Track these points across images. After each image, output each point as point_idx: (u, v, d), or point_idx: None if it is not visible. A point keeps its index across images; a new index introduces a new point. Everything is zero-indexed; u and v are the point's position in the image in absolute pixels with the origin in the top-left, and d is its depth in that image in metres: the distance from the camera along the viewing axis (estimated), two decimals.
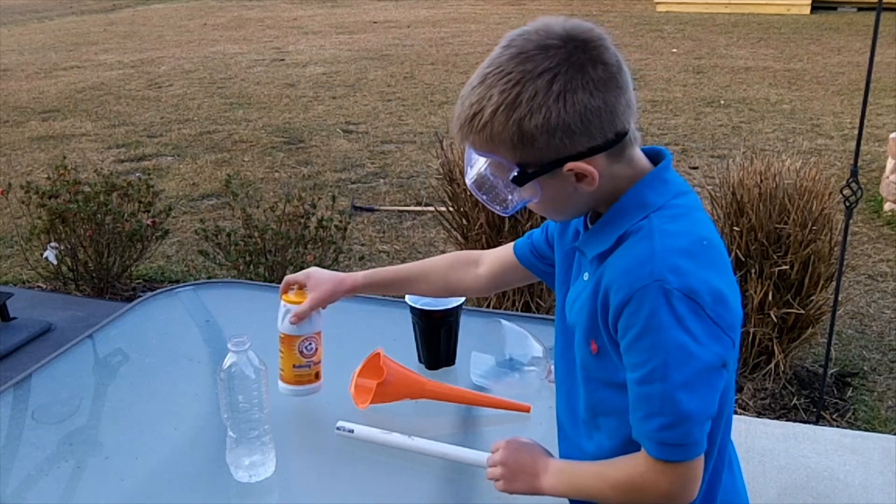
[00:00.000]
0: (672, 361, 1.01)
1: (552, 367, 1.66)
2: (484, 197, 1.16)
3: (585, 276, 1.16)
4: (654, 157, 1.16)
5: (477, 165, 1.14)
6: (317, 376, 1.61)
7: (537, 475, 1.21)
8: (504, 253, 1.47)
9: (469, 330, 1.76)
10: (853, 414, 3.10)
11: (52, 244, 4.04)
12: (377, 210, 5.28)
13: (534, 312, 3.43)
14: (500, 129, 1.05)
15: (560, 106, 1.03)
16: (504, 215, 1.17)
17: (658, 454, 1.05)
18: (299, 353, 1.57)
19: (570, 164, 1.06)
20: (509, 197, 1.13)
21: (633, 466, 1.09)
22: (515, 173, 1.08)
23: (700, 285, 1.02)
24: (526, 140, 1.05)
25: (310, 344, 1.57)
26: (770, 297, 3.05)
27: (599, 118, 1.05)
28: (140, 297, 2.19)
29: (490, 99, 1.05)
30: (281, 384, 1.61)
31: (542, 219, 1.28)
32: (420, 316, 1.71)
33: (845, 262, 3.25)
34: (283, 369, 1.60)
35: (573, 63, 1.04)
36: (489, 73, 1.06)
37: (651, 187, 1.11)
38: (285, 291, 1.59)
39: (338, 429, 1.51)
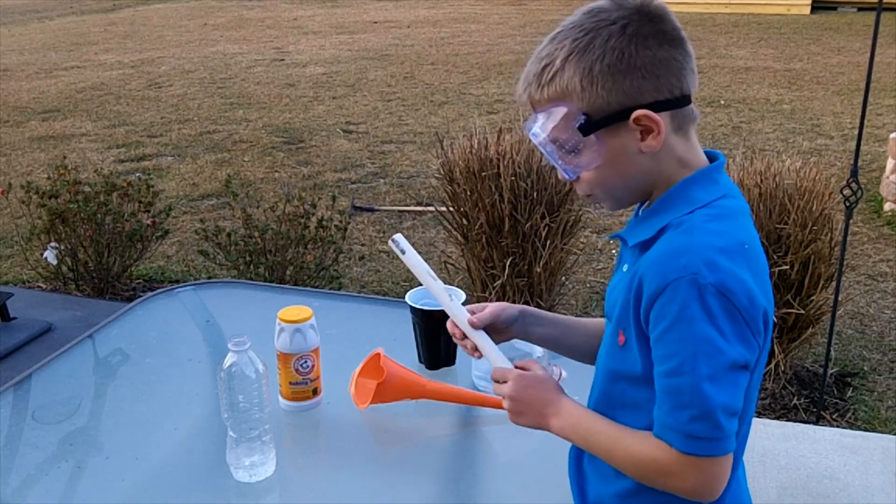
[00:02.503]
0: (700, 354, 1.01)
1: (554, 368, 1.66)
2: (555, 160, 1.14)
3: (625, 268, 1.16)
4: (711, 158, 1.16)
5: (540, 122, 1.12)
6: (315, 392, 1.61)
7: (545, 416, 1.18)
8: None
9: None
10: (853, 414, 3.10)
11: (52, 244, 4.03)
12: (377, 210, 5.28)
13: None
14: (571, 74, 1.07)
15: (632, 48, 1.06)
16: (567, 178, 1.16)
17: (686, 447, 1.03)
18: (295, 371, 1.58)
19: (638, 112, 1.06)
20: (572, 159, 1.12)
21: (660, 450, 1.06)
22: (582, 121, 1.08)
23: (737, 285, 1.02)
24: (595, 82, 1.06)
25: (305, 361, 1.58)
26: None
27: (668, 69, 1.07)
28: (140, 297, 2.19)
29: (563, 48, 1.08)
30: (280, 399, 1.62)
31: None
32: (420, 316, 1.71)
33: (845, 262, 3.24)
34: (281, 385, 1.61)
35: (644, 14, 1.07)
36: (562, 30, 1.10)
37: (700, 184, 1.11)
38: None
39: (392, 240, 1.37)
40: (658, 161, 1.10)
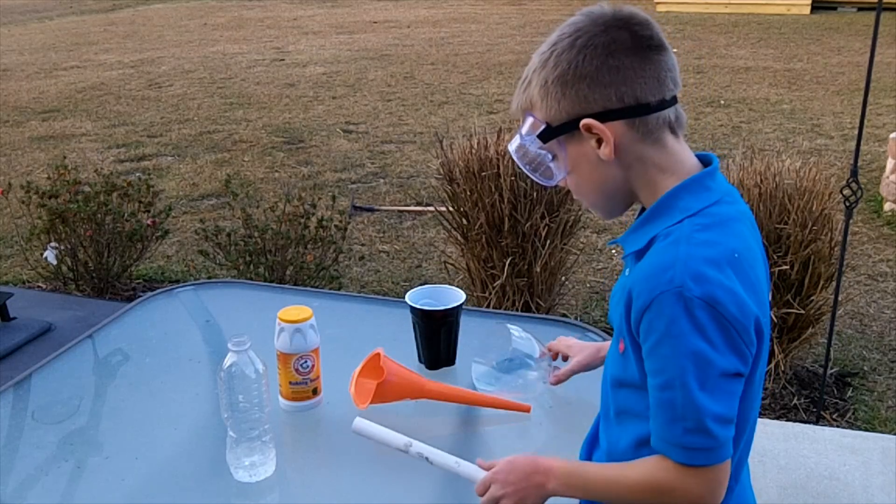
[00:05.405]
0: (690, 367, 1.01)
1: (555, 370, 1.66)
2: (526, 167, 1.20)
3: (627, 273, 1.17)
4: (705, 162, 1.16)
5: (519, 132, 1.18)
6: (315, 392, 1.61)
7: (543, 485, 1.18)
8: None
9: (469, 330, 1.76)
10: (853, 414, 3.10)
11: (52, 244, 4.04)
12: (377, 210, 5.28)
13: (534, 312, 3.43)
14: (535, 86, 1.13)
15: (579, 59, 1.08)
16: (546, 185, 1.22)
17: (685, 459, 1.04)
18: (295, 371, 1.58)
19: (584, 121, 1.09)
20: (550, 166, 1.17)
21: (659, 470, 1.07)
22: (542, 129, 1.13)
23: (725, 295, 1.01)
24: (549, 93, 1.11)
25: (305, 362, 1.57)
26: (770, 297, 3.04)
27: (618, 78, 1.07)
28: (140, 297, 2.19)
29: (532, 63, 1.14)
30: (280, 399, 1.62)
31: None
32: (420, 316, 1.71)
33: (845, 262, 3.24)
34: (281, 385, 1.61)
35: (601, 24, 1.09)
36: (541, 45, 1.15)
37: (691, 192, 1.10)
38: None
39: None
40: (627, 169, 1.11)
